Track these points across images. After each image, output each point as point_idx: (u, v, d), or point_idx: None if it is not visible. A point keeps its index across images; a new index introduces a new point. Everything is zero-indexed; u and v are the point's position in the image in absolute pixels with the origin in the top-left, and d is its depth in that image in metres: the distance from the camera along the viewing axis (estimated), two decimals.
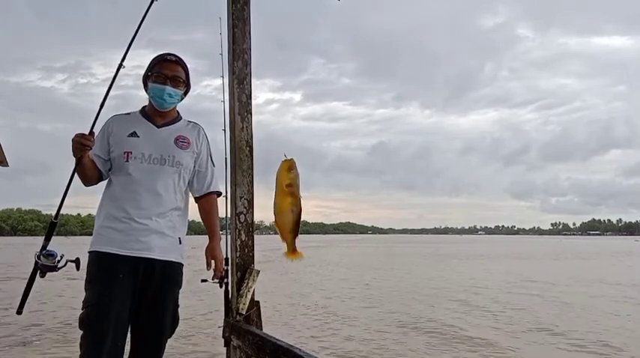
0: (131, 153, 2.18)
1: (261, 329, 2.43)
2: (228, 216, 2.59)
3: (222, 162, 2.58)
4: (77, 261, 2.06)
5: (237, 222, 2.51)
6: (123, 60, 2.16)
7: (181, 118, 2.37)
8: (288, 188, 1.67)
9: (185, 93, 2.34)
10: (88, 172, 2.15)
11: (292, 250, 1.65)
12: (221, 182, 2.53)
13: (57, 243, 2.06)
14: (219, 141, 2.59)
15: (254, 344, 2.11)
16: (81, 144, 1.99)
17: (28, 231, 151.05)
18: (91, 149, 2.05)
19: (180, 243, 2.25)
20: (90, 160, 2.13)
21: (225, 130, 2.62)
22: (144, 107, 2.32)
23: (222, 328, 2.50)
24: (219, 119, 2.66)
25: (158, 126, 2.26)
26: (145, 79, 2.28)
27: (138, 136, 2.21)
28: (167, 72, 2.23)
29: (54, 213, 2.11)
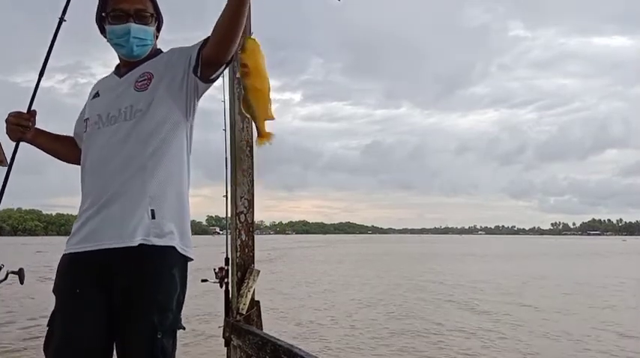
0: (89, 119, 1.68)
1: (262, 329, 2.43)
2: (229, 215, 2.59)
3: (223, 162, 2.58)
4: (20, 273, 1.71)
5: (238, 221, 2.51)
6: (41, 75, 1.74)
7: (159, 53, 1.73)
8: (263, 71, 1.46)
9: (158, 29, 1.74)
10: (56, 152, 1.82)
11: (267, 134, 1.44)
12: (221, 182, 2.52)
13: (59, 243, 2.05)
14: (219, 141, 2.59)
15: (254, 344, 2.10)
16: (16, 125, 1.65)
17: (29, 231, 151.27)
18: (29, 129, 1.69)
19: (152, 216, 1.51)
20: (49, 139, 1.80)
21: (225, 130, 2.62)
22: (118, 64, 1.78)
23: (222, 328, 2.50)
24: (219, 119, 2.65)
25: (121, 76, 1.69)
26: (101, 22, 1.69)
27: (99, 96, 1.72)
28: (126, 6, 1.62)
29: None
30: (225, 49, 1.48)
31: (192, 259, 1.61)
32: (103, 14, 1.66)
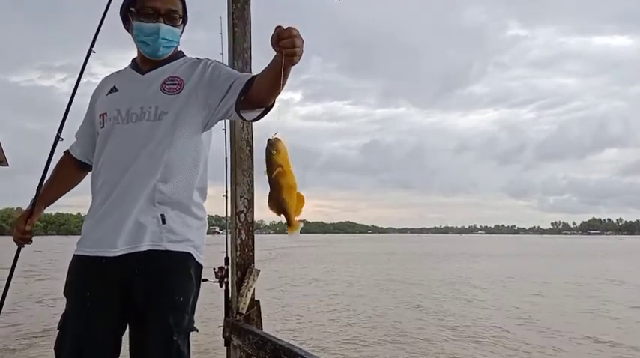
0: (106, 114, 1.61)
1: (262, 329, 2.43)
2: (229, 215, 2.59)
3: (222, 162, 2.58)
4: None
5: (238, 221, 2.51)
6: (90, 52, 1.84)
7: (182, 57, 1.71)
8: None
9: (182, 30, 1.72)
10: (61, 194, 1.83)
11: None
12: (221, 182, 2.52)
13: (58, 243, 2.04)
14: (219, 140, 2.59)
15: (254, 343, 2.11)
16: (20, 240, 1.70)
17: None
18: (30, 238, 1.71)
19: (163, 221, 1.51)
20: (48, 197, 1.78)
21: (225, 130, 2.62)
22: (135, 58, 1.74)
23: (222, 328, 2.50)
24: None
25: (144, 73, 1.65)
26: (126, 13, 1.64)
27: (117, 91, 1.65)
28: (159, 5, 1.57)
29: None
30: (270, 97, 1.50)
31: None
32: (132, 9, 1.61)
